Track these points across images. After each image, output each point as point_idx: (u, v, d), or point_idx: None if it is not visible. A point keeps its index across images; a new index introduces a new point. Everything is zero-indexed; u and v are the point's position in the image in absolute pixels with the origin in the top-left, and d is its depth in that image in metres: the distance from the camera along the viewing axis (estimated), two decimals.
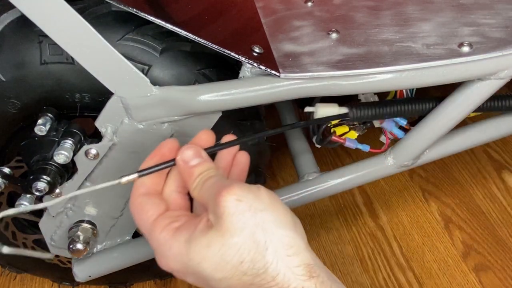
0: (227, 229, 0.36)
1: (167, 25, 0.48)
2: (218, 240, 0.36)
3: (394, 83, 0.50)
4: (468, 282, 0.85)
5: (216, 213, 0.37)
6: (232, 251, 0.36)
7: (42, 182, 0.53)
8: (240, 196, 0.37)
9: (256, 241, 0.36)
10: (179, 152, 0.42)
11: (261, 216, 0.37)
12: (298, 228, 0.38)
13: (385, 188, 0.98)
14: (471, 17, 0.54)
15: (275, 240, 0.36)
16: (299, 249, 0.37)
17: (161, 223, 0.40)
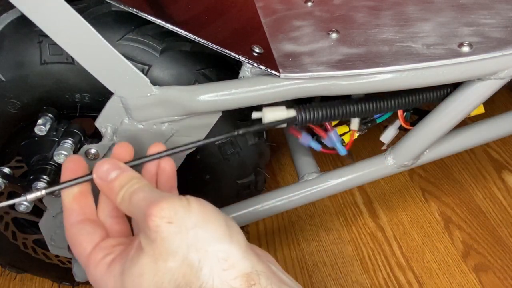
0: (160, 254, 0.35)
1: (167, 25, 0.48)
2: (151, 267, 0.35)
3: (394, 83, 0.50)
4: (468, 282, 0.85)
5: (148, 237, 0.35)
6: (166, 277, 0.34)
7: (42, 182, 0.53)
8: (170, 216, 0.35)
9: (190, 263, 0.35)
10: (94, 170, 0.39)
11: (192, 234, 0.35)
12: (234, 236, 0.36)
13: (385, 188, 0.98)
14: (471, 17, 0.54)
15: (209, 257, 0.35)
16: (235, 260, 0.35)
17: (95, 257, 0.38)
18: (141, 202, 0.36)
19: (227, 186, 0.65)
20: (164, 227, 0.34)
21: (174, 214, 0.35)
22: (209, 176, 0.64)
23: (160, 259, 0.35)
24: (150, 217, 0.34)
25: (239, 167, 0.64)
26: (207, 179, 0.64)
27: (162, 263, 0.34)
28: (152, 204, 0.35)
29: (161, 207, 0.34)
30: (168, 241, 0.34)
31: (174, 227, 0.34)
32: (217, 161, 0.62)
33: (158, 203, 0.35)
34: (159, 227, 0.34)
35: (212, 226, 0.36)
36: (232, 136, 0.50)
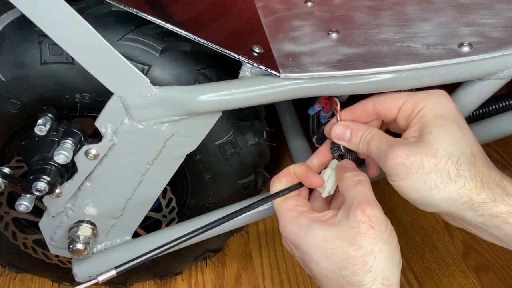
0: (350, 239, 0.43)
1: (167, 25, 0.48)
2: (337, 241, 0.43)
3: (394, 83, 0.50)
4: (468, 282, 0.85)
5: (350, 221, 0.43)
6: (343, 255, 0.43)
7: (42, 182, 0.53)
8: (374, 224, 0.43)
9: (365, 261, 0.42)
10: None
11: (379, 246, 0.43)
12: (399, 268, 0.45)
13: (384, 188, 0.98)
14: (471, 17, 0.54)
15: (379, 269, 0.42)
16: (393, 283, 0.43)
17: (289, 202, 0.49)
18: (359, 194, 0.45)
19: (227, 186, 0.65)
20: (367, 225, 0.43)
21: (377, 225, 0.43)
22: (209, 176, 0.64)
23: (347, 243, 0.43)
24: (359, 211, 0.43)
25: (239, 167, 0.64)
26: (207, 179, 0.64)
27: (347, 246, 0.43)
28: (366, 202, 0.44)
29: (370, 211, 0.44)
30: (362, 236, 0.43)
31: (372, 232, 0.43)
32: (217, 161, 0.62)
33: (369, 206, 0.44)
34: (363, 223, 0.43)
35: (393, 250, 0.44)
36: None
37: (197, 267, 0.88)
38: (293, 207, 0.49)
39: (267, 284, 0.87)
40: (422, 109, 0.45)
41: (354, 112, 0.51)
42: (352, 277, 0.43)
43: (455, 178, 0.42)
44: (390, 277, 0.43)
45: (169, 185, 0.63)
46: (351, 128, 0.50)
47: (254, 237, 0.94)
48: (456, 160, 0.42)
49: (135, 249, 0.65)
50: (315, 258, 0.45)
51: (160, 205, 0.68)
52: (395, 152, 0.43)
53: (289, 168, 0.52)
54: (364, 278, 0.42)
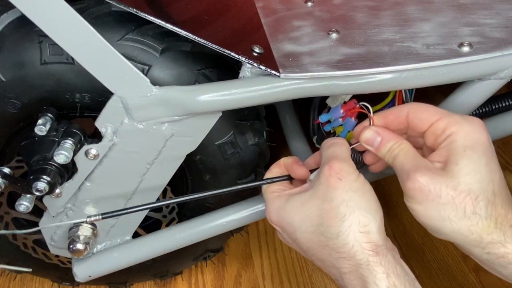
0: (321, 196, 0.44)
1: (167, 25, 0.48)
2: (311, 202, 0.45)
3: (394, 83, 0.50)
4: (468, 282, 0.85)
5: (320, 179, 0.45)
6: (317, 212, 0.44)
7: (42, 182, 0.53)
8: (342, 176, 0.44)
9: (338, 212, 0.43)
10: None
11: (350, 195, 0.44)
12: (377, 216, 0.44)
13: (385, 188, 0.98)
14: (471, 17, 0.54)
15: (353, 217, 0.43)
16: (371, 230, 0.43)
17: (272, 187, 0.51)
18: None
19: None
20: (333, 179, 0.44)
21: (346, 176, 0.44)
22: (209, 176, 0.64)
23: (319, 199, 0.44)
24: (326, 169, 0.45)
25: (239, 167, 0.64)
26: (207, 179, 0.64)
27: (320, 203, 0.44)
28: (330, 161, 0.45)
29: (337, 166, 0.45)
30: (332, 189, 0.44)
31: (342, 183, 0.44)
32: (217, 161, 0.62)
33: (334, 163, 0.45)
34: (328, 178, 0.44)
35: (366, 198, 0.44)
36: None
37: (197, 267, 0.88)
38: (275, 190, 0.51)
39: (267, 284, 0.87)
40: (453, 134, 0.44)
41: (386, 117, 0.49)
42: (329, 231, 0.43)
43: (470, 214, 0.41)
44: (366, 223, 0.43)
45: (169, 185, 0.63)
46: (382, 136, 0.48)
47: (254, 237, 0.94)
48: (475, 198, 0.42)
49: (135, 249, 0.65)
50: (296, 225, 0.46)
51: None
52: (416, 176, 0.43)
53: (280, 160, 0.54)
54: (339, 229, 0.43)
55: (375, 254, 0.42)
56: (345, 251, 0.42)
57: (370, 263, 0.41)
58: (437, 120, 0.45)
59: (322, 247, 0.44)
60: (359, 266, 0.42)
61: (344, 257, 0.43)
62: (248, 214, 0.63)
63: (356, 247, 0.42)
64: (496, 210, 0.42)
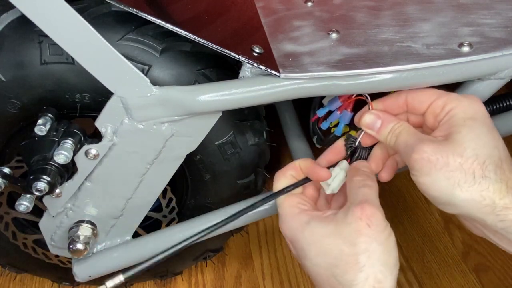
0: (345, 236, 0.43)
1: (167, 25, 0.48)
2: (333, 238, 0.43)
3: (394, 83, 0.50)
4: (468, 282, 0.85)
5: (347, 217, 0.43)
6: (336, 252, 0.43)
7: (42, 182, 0.53)
8: (373, 223, 0.43)
9: (357, 260, 0.42)
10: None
11: (374, 247, 0.42)
12: (394, 272, 0.43)
13: (385, 188, 0.98)
14: (471, 17, 0.54)
15: (371, 270, 0.42)
16: (385, 286, 0.42)
17: (292, 199, 0.49)
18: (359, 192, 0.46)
19: (227, 186, 0.65)
20: (364, 224, 0.43)
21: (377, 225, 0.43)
22: (209, 176, 0.64)
23: (342, 238, 0.43)
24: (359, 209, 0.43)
25: (239, 167, 0.64)
26: (207, 179, 0.64)
27: (341, 243, 0.43)
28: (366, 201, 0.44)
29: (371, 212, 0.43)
30: (358, 235, 0.42)
31: (371, 232, 0.42)
32: (217, 161, 0.62)
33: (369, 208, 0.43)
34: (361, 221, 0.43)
35: (388, 252, 0.43)
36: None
37: (197, 267, 0.88)
38: (295, 204, 0.49)
39: (267, 284, 0.87)
40: (452, 109, 0.45)
41: (385, 102, 0.50)
42: (343, 276, 0.42)
43: (480, 179, 0.41)
44: (382, 280, 0.42)
45: (169, 185, 0.63)
46: (382, 119, 0.49)
47: (254, 237, 0.94)
48: (483, 162, 0.42)
49: (135, 249, 0.65)
50: (309, 254, 0.45)
51: (160, 205, 0.68)
52: (422, 147, 0.43)
53: (294, 162, 0.51)
54: (355, 277, 0.42)
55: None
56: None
57: None
58: (436, 99, 0.47)
59: (329, 286, 0.43)
60: None
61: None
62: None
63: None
64: (505, 174, 0.42)
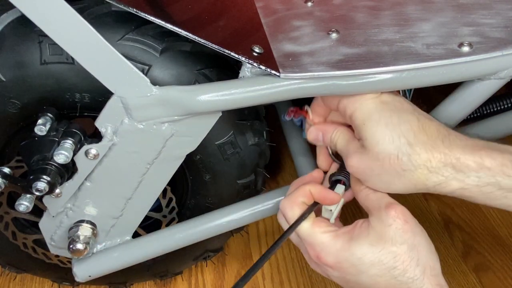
0: (390, 239, 0.44)
1: (167, 25, 0.48)
2: (380, 244, 0.44)
3: (394, 83, 0.50)
4: (468, 282, 0.85)
5: (384, 221, 0.45)
6: (389, 256, 0.44)
7: (42, 182, 0.53)
8: (408, 218, 0.45)
9: (411, 256, 0.44)
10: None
11: (418, 239, 0.45)
12: (438, 257, 0.46)
13: None
14: (471, 17, 0.54)
15: (425, 261, 0.44)
16: (439, 272, 0.45)
17: (320, 225, 0.49)
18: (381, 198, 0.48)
19: (227, 186, 0.65)
20: (401, 221, 0.45)
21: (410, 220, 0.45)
22: (209, 176, 0.64)
23: (390, 241, 0.44)
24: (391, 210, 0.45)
25: (239, 167, 0.64)
26: (207, 179, 0.64)
27: (390, 245, 0.44)
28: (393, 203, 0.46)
29: (401, 209, 0.46)
30: (400, 232, 0.44)
31: (408, 227, 0.45)
32: (217, 161, 0.62)
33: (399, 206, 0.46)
34: (397, 219, 0.45)
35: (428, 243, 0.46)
36: None
37: (197, 267, 0.88)
38: (327, 229, 0.48)
39: (267, 284, 0.87)
40: (352, 114, 0.49)
41: (313, 107, 0.54)
42: (404, 275, 0.44)
43: (402, 172, 0.45)
44: (435, 267, 0.45)
45: (169, 185, 0.63)
46: (322, 131, 0.53)
47: (254, 237, 0.94)
48: (396, 157, 0.45)
49: (135, 249, 0.65)
50: (363, 268, 0.45)
51: (160, 205, 0.68)
52: (349, 162, 0.48)
53: (305, 188, 0.51)
54: (415, 273, 0.44)
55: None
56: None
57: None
58: (338, 103, 0.50)
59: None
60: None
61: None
62: (248, 214, 0.63)
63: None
64: (421, 157, 0.44)
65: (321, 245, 0.48)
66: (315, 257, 0.48)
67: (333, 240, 0.47)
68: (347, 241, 0.46)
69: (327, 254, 0.47)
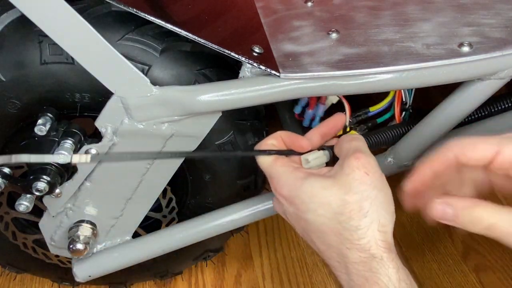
0: (345, 186, 0.44)
1: (167, 25, 0.48)
2: (334, 189, 0.44)
3: (394, 83, 0.50)
4: (468, 282, 0.85)
5: (344, 169, 0.45)
6: (339, 201, 0.44)
7: (42, 182, 0.53)
8: (370, 171, 0.45)
9: (361, 206, 0.44)
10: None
11: (375, 193, 0.44)
12: (393, 219, 0.46)
13: None
14: (471, 17, 0.54)
15: (375, 215, 0.44)
16: (388, 230, 0.44)
17: (282, 160, 0.50)
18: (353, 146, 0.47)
19: (227, 186, 0.65)
20: (361, 171, 0.44)
21: (373, 172, 0.45)
22: (209, 176, 0.64)
23: (344, 188, 0.44)
24: (355, 160, 0.45)
25: (239, 167, 0.64)
26: (207, 179, 0.64)
27: (343, 193, 0.44)
28: (361, 153, 0.45)
29: (367, 159, 0.45)
30: (358, 183, 0.44)
31: (367, 178, 0.44)
32: (217, 161, 0.62)
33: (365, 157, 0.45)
34: (358, 168, 0.44)
35: (388, 199, 0.45)
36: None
37: (197, 267, 0.88)
38: (288, 164, 0.49)
39: (267, 284, 0.87)
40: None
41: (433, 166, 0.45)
42: (348, 222, 0.44)
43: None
44: (385, 224, 0.44)
45: (169, 185, 0.63)
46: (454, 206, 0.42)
47: (254, 237, 0.94)
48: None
49: (135, 249, 0.65)
50: (312, 206, 0.45)
51: (160, 205, 0.68)
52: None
53: (276, 132, 0.52)
54: (360, 223, 0.44)
55: (388, 251, 0.43)
56: (360, 244, 0.43)
57: (383, 258, 0.43)
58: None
59: (334, 234, 0.45)
60: (373, 259, 0.43)
61: (357, 248, 0.44)
62: (248, 214, 0.63)
63: (372, 242, 0.43)
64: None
65: (278, 176, 0.48)
66: (273, 189, 0.49)
67: (291, 173, 0.48)
68: (302, 178, 0.47)
69: (282, 186, 0.48)
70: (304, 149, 0.51)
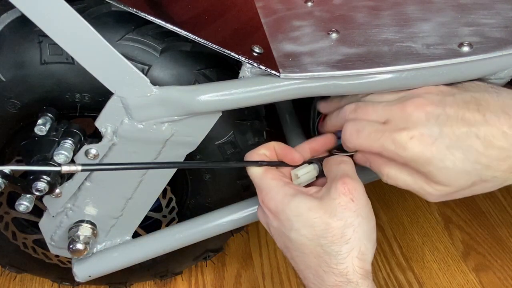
0: (331, 211, 0.45)
1: (167, 25, 0.48)
2: (319, 212, 0.45)
3: (394, 83, 0.50)
4: (468, 282, 0.85)
5: (331, 193, 0.46)
6: (323, 225, 0.45)
7: (42, 182, 0.53)
8: (355, 197, 0.45)
9: (344, 233, 0.45)
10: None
11: (359, 221, 0.45)
12: (374, 247, 0.47)
13: (385, 188, 0.98)
14: (471, 17, 0.54)
15: (356, 243, 0.45)
16: (367, 259, 0.46)
17: (273, 173, 0.50)
18: (341, 170, 0.48)
19: (227, 186, 0.65)
20: (347, 198, 0.45)
21: (358, 200, 0.45)
22: (209, 176, 0.64)
23: (329, 213, 0.45)
24: (343, 185, 0.46)
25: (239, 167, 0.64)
26: (207, 179, 0.64)
27: (328, 217, 0.45)
28: (349, 179, 0.46)
29: (354, 186, 0.46)
30: (343, 209, 0.45)
31: (353, 206, 0.45)
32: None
33: (352, 183, 0.46)
34: (344, 195, 0.45)
35: (371, 227, 0.47)
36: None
37: (197, 267, 0.88)
38: (278, 177, 0.50)
39: (267, 284, 0.87)
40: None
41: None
42: (329, 247, 0.45)
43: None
44: (365, 252, 0.45)
45: (169, 185, 0.63)
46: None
47: (254, 237, 0.94)
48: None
49: (135, 249, 0.65)
50: (296, 225, 0.46)
51: (160, 205, 0.68)
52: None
53: (269, 143, 0.52)
54: (341, 248, 0.45)
55: (364, 278, 0.45)
56: (338, 269, 0.45)
57: (359, 284, 0.44)
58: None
59: (314, 256, 0.46)
60: (348, 283, 0.44)
61: (334, 272, 0.45)
62: (248, 214, 0.63)
63: (350, 268, 0.45)
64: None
65: (267, 189, 0.49)
66: (261, 200, 0.49)
67: (281, 188, 0.48)
68: (291, 194, 0.47)
69: (270, 199, 0.48)
70: (296, 162, 0.51)
